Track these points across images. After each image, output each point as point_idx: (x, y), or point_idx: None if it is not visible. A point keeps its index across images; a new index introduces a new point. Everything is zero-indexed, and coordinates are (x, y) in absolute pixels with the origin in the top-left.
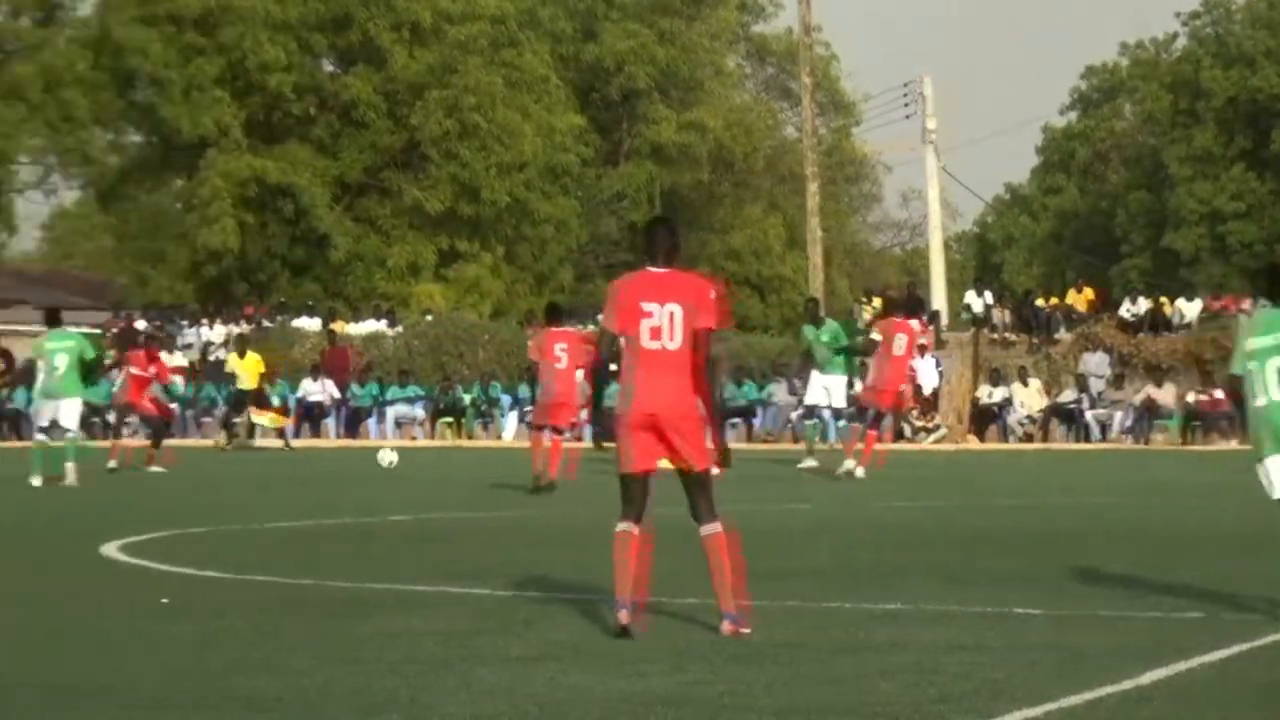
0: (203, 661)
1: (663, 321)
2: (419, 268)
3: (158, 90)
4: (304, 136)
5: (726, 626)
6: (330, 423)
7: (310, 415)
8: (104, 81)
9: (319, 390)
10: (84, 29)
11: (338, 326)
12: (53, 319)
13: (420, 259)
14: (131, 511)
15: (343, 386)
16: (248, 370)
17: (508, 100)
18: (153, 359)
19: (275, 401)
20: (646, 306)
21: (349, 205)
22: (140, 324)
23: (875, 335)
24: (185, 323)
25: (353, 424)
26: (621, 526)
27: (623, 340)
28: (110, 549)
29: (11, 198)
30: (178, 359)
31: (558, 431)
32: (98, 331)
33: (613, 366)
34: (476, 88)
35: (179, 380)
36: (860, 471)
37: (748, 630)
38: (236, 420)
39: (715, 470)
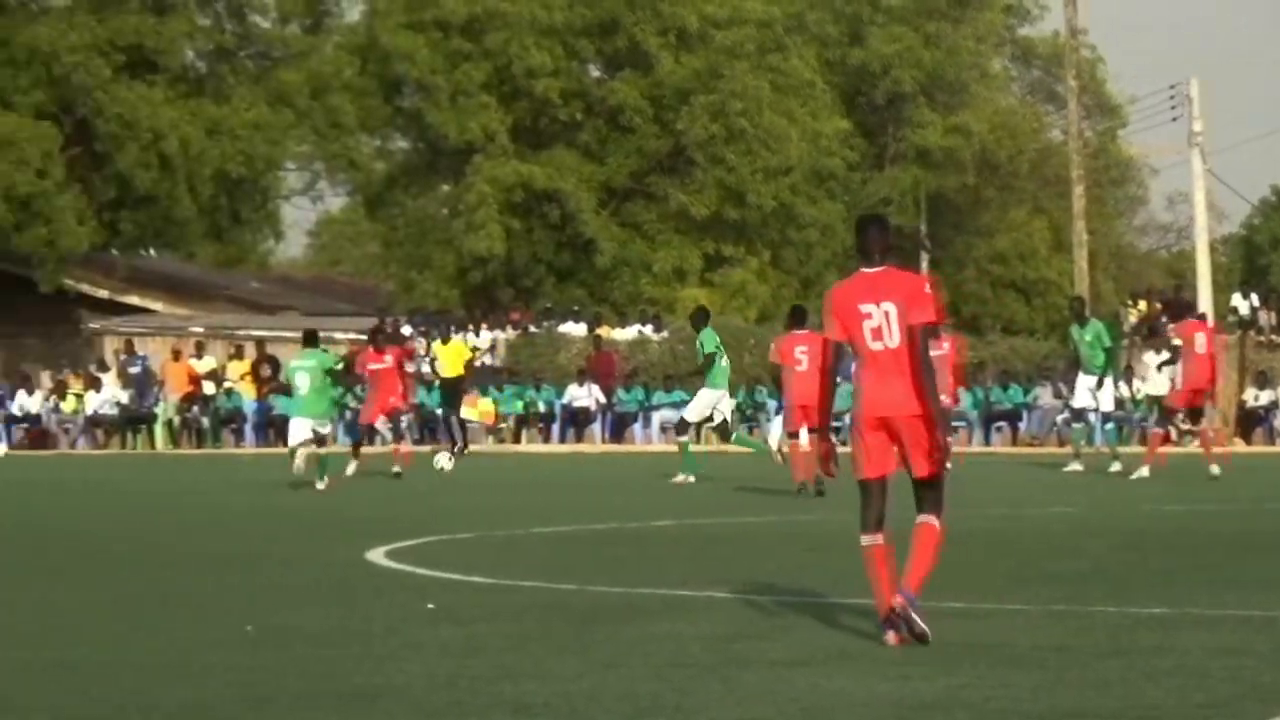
0: (468, 667)
1: (881, 321)
2: (685, 272)
3: (425, 96)
4: (570, 142)
5: (898, 600)
6: (596, 428)
7: (575, 420)
8: (371, 88)
9: (585, 395)
10: (351, 35)
11: (603, 331)
12: (308, 340)
13: (686, 263)
14: (397, 516)
15: (608, 391)
16: (450, 358)
17: (774, 104)
18: (381, 354)
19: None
20: (865, 308)
21: (615, 210)
22: (405, 329)
23: (1175, 340)
24: (451, 328)
25: (618, 429)
26: (865, 540)
27: (848, 346)
28: (376, 554)
29: (279, 204)
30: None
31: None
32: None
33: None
34: (743, 92)
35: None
36: (1145, 471)
37: (920, 620)
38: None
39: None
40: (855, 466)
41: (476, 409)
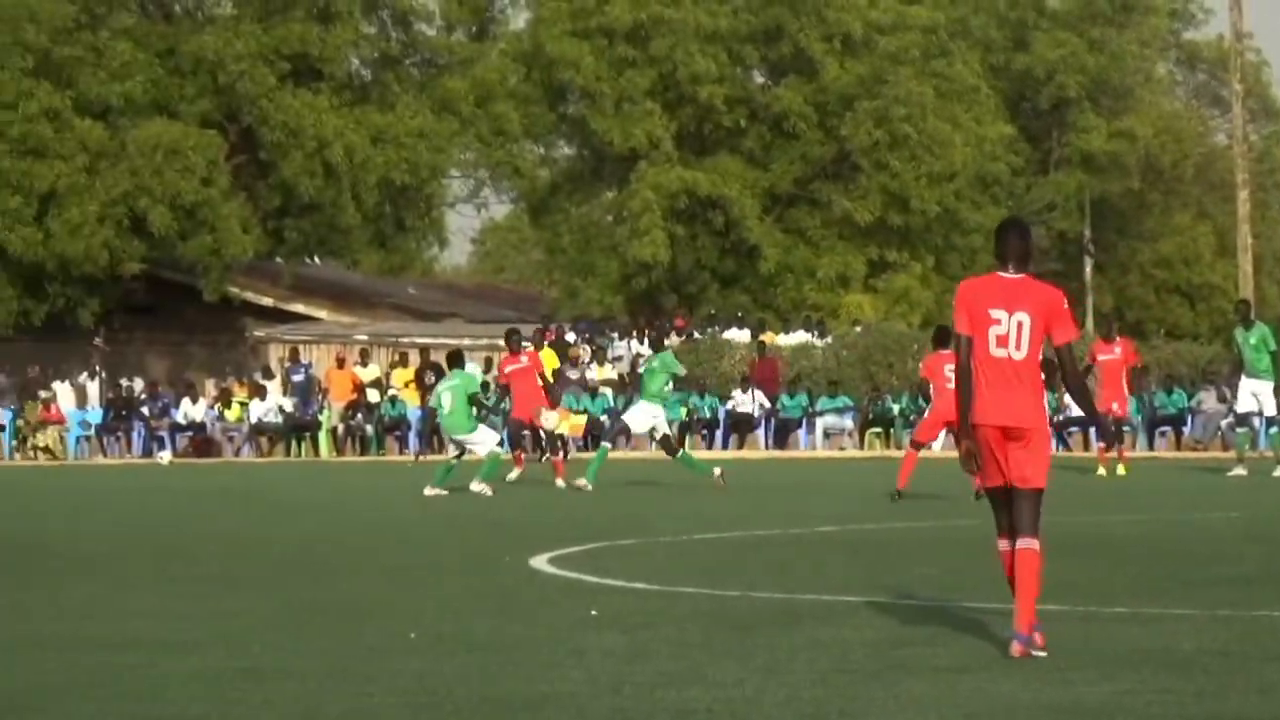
0: (632, 673)
1: (1010, 329)
2: (848, 278)
3: (589, 103)
4: (734, 148)
5: (1016, 648)
6: (759, 434)
7: (739, 426)
8: (536, 95)
9: (748, 401)
10: (516, 43)
11: (767, 338)
12: (453, 361)
13: (850, 269)
14: (561, 523)
15: (772, 397)
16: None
17: (938, 110)
18: (516, 355)
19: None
20: (994, 313)
21: (779, 216)
22: (570, 336)
23: None
24: (615, 335)
25: (781, 435)
26: (1002, 545)
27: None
28: (540, 561)
29: (443, 211)
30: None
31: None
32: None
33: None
34: (907, 98)
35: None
36: None
37: (1041, 650)
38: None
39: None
40: (982, 475)
41: (568, 422)
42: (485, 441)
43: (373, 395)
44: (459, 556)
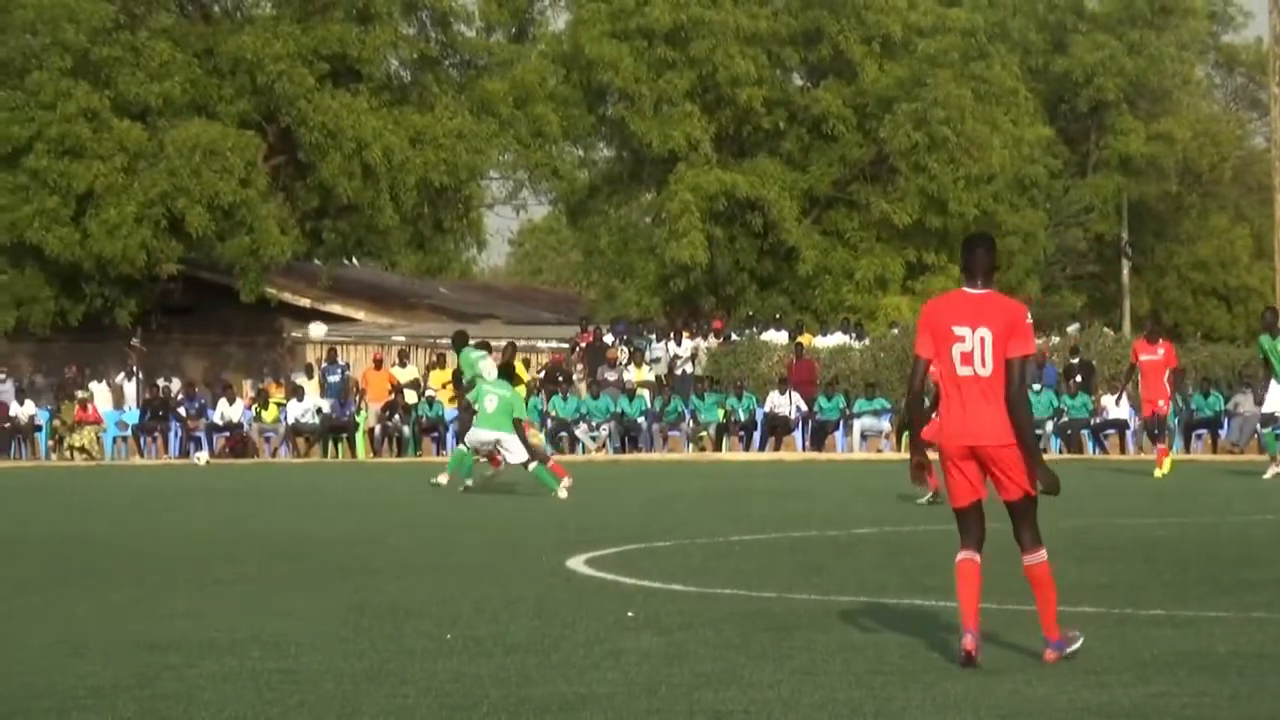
0: (668, 674)
1: (974, 346)
2: (886, 280)
3: (628, 105)
4: (773, 150)
5: (1050, 654)
6: (796, 436)
7: (775, 428)
8: (575, 97)
9: (785, 403)
10: (555, 45)
11: (805, 339)
12: (506, 370)
13: (888, 271)
14: (597, 525)
15: (809, 399)
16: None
17: (976, 113)
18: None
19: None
20: (958, 330)
21: (817, 218)
22: (608, 338)
23: None
24: (653, 336)
25: (819, 437)
26: (962, 555)
27: (933, 367)
28: (576, 562)
29: (481, 213)
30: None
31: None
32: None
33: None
34: (945, 100)
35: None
36: None
37: (1072, 648)
38: None
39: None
40: (948, 494)
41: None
42: (518, 451)
43: (410, 396)
44: (495, 558)
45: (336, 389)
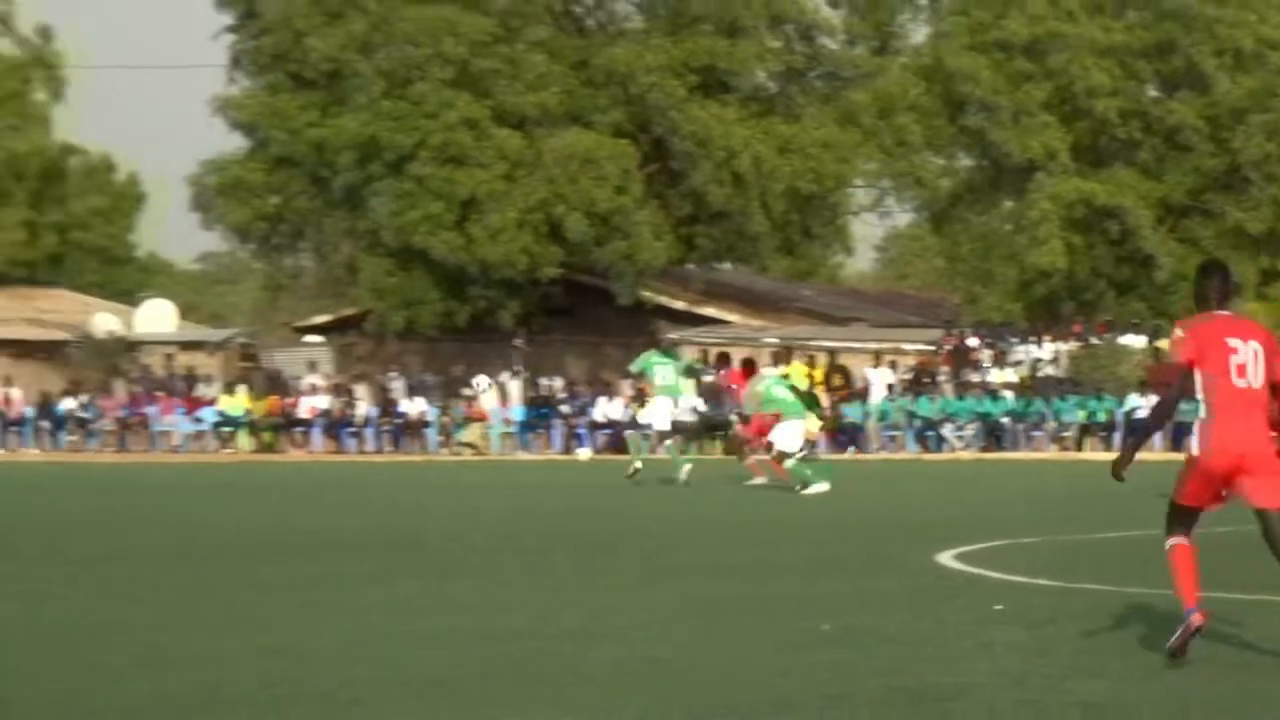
0: (1037, 666)
1: (1248, 359)
2: (1240, 287)
3: (988, 115)
4: (1129, 160)
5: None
6: (1155, 436)
7: (1135, 429)
8: (936, 107)
9: (1145, 405)
10: (917, 57)
11: (1163, 344)
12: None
13: (1242, 278)
14: (961, 521)
15: None
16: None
17: None
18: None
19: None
20: (1232, 342)
21: (1172, 226)
22: (971, 341)
23: None
24: (1015, 340)
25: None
26: (1179, 540)
27: (1200, 377)
28: (945, 557)
29: (848, 220)
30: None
31: None
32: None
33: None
34: None
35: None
36: None
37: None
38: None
39: None
40: (1180, 490)
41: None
42: (792, 439)
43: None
44: (867, 554)
45: (712, 389)
